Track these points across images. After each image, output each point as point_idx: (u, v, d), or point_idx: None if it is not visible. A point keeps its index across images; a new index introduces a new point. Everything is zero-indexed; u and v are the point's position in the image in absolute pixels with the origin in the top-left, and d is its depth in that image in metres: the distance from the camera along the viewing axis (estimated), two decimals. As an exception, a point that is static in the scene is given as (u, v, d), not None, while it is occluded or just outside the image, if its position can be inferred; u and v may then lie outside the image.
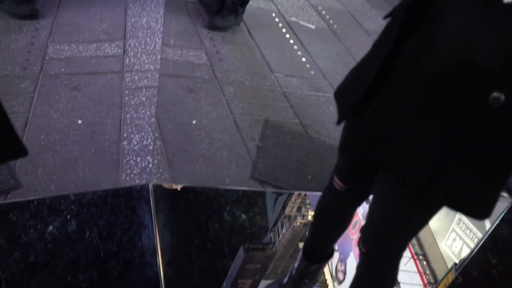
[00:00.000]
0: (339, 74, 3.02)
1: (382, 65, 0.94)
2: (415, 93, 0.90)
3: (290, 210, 2.02)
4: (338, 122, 1.08)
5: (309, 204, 2.05)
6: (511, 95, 0.79)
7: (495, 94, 0.79)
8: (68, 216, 1.64)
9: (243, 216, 1.87)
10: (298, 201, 2.06)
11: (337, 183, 1.22)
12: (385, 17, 1.05)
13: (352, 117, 1.06)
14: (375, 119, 0.97)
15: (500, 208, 2.13)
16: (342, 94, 1.12)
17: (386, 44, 0.94)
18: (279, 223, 1.95)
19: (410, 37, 0.90)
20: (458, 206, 0.92)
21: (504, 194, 2.21)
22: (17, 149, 0.87)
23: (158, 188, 1.82)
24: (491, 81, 0.80)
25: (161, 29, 2.79)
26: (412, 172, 0.91)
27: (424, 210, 1.00)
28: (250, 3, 3.44)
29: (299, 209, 2.04)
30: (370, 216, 1.14)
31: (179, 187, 1.88)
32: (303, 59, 3.09)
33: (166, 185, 1.87)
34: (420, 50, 0.88)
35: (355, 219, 1.72)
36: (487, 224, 1.88)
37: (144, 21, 2.80)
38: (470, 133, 0.85)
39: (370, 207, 1.15)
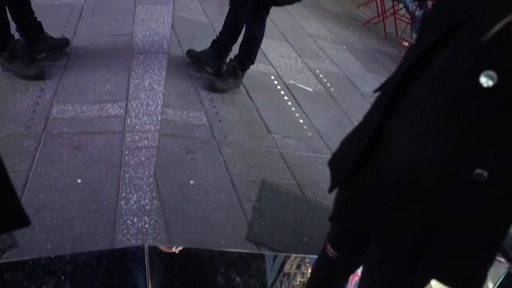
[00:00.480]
0: (336, 136, 3.09)
1: (371, 138, 0.98)
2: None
3: (289, 267, 2.01)
4: (330, 190, 1.11)
5: (308, 262, 2.05)
6: (493, 172, 0.82)
7: (478, 171, 0.83)
8: (63, 277, 1.63)
9: (238, 279, 1.86)
10: (298, 259, 2.06)
11: (330, 250, 1.24)
12: (374, 91, 1.10)
13: (344, 185, 1.09)
14: (365, 188, 1.00)
15: (497, 274, 2.12)
16: (335, 162, 1.16)
17: (375, 118, 0.99)
18: (277, 282, 1.94)
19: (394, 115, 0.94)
20: (446, 280, 0.93)
21: (501, 259, 2.21)
22: (20, 219, 0.89)
23: (153, 249, 1.82)
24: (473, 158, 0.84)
25: (163, 90, 2.88)
26: (399, 245, 0.93)
27: (413, 282, 1.01)
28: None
29: (298, 267, 2.04)
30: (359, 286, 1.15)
31: (174, 249, 1.89)
32: (301, 121, 3.17)
33: (161, 246, 1.87)
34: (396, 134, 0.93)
35: (355, 278, 1.70)
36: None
37: (147, 83, 2.90)
38: (453, 212, 0.87)
39: (360, 277, 1.16)
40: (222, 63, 3.24)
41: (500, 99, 0.79)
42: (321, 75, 3.99)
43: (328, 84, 3.87)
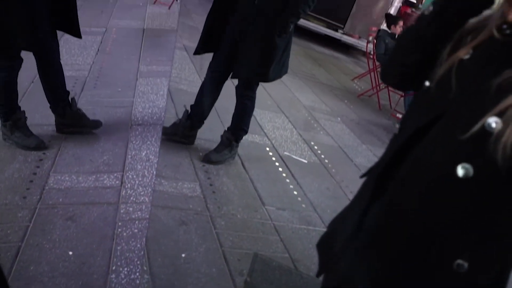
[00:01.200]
0: (330, 208, 3.11)
1: (357, 224, 1.01)
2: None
3: None
4: (318, 275, 1.12)
5: None
6: (473, 262, 0.86)
7: (459, 261, 0.86)
8: None
9: None
10: None
11: None
12: (361, 176, 1.15)
13: (330, 271, 1.10)
14: (349, 275, 1.02)
15: None
16: (324, 245, 1.18)
17: (361, 204, 1.02)
18: None
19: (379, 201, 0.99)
20: None
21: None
22: None
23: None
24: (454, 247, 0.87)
25: (159, 162, 2.94)
26: None
27: None
28: (245, 137, 3.65)
29: None
30: None
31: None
32: (295, 192, 3.20)
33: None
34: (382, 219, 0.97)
35: None
36: None
37: (143, 154, 2.96)
38: None
39: None
40: (196, 133, 3.31)
41: (476, 189, 0.84)
42: (315, 147, 4.07)
43: (323, 156, 3.94)
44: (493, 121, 0.82)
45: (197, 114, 3.22)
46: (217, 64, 3.05)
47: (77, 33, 2.80)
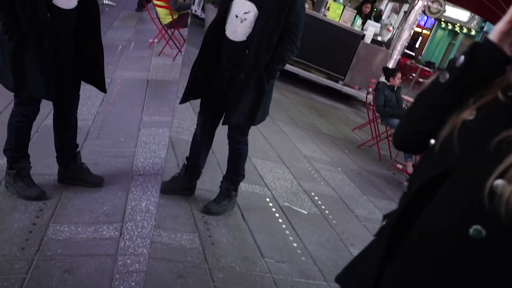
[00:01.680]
0: (330, 261, 3.08)
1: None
2: None
3: None
4: None
5: None
6: None
7: None
8: None
9: None
10: None
11: None
12: (375, 234, 1.17)
13: None
14: None
15: None
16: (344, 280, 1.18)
17: (373, 264, 1.04)
18: None
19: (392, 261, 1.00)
20: None
21: None
22: None
23: None
24: None
25: (159, 212, 2.94)
26: None
27: None
28: (245, 188, 3.67)
29: None
30: None
31: None
32: (295, 244, 3.18)
33: None
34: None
35: None
36: None
37: (143, 204, 2.97)
38: None
39: None
40: (195, 184, 3.33)
41: (490, 251, 0.87)
42: (316, 197, 4.07)
43: (323, 207, 3.94)
44: (498, 182, 0.84)
45: (193, 165, 3.25)
46: (206, 113, 3.14)
47: (102, 87, 2.89)
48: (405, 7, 8.87)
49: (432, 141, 1.04)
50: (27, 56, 2.49)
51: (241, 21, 2.82)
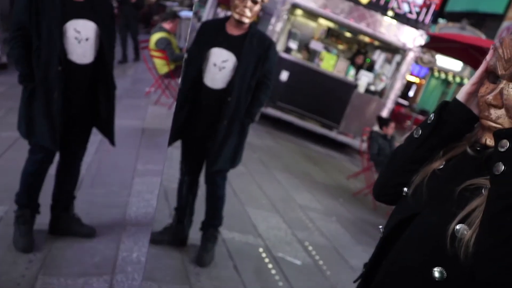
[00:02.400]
0: (323, 314, 3.03)
1: None
2: None
3: None
4: None
5: None
6: None
7: None
8: None
9: None
10: None
11: None
12: (355, 281, 1.21)
13: None
14: None
15: None
16: None
17: None
18: None
19: None
20: None
21: None
22: None
23: None
24: None
25: (150, 263, 2.91)
26: None
27: None
28: (238, 238, 3.65)
29: None
30: None
31: None
32: (288, 297, 3.13)
33: None
34: None
35: None
36: None
37: (135, 255, 2.94)
38: None
39: None
40: (187, 234, 3.31)
41: None
42: (310, 247, 4.03)
43: (317, 257, 3.90)
44: (460, 227, 0.92)
45: (183, 214, 3.24)
46: (189, 160, 3.19)
47: (112, 139, 2.96)
48: (398, 57, 9.09)
49: (405, 189, 1.13)
50: (36, 106, 2.61)
51: (219, 69, 2.91)
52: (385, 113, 8.65)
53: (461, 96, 1.09)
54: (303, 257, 3.83)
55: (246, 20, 2.86)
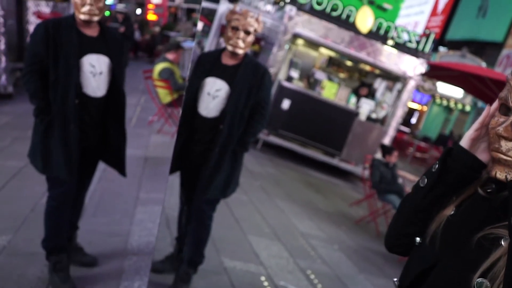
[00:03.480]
0: None
1: None
2: None
3: None
4: None
5: None
6: None
7: None
8: None
9: None
10: None
11: None
12: None
13: None
14: None
15: None
16: None
17: None
18: None
19: None
20: None
21: None
22: None
23: None
24: None
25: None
26: None
27: None
28: (240, 266, 3.65)
29: None
30: None
31: None
32: (289, 326, 3.11)
33: None
34: None
35: None
36: None
37: (136, 285, 2.93)
38: None
39: None
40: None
41: None
42: (312, 276, 4.02)
43: (319, 286, 3.88)
44: (481, 280, 0.89)
45: (183, 243, 3.20)
46: (185, 189, 3.17)
47: (123, 171, 2.96)
48: (399, 85, 9.19)
49: (418, 239, 1.10)
50: (53, 139, 2.63)
51: (213, 98, 2.93)
52: (387, 141, 8.69)
53: (464, 142, 1.07)
54: (305, 285, 3.81)
55: (240, 51, 2.91)
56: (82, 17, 2.58)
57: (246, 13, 2.94)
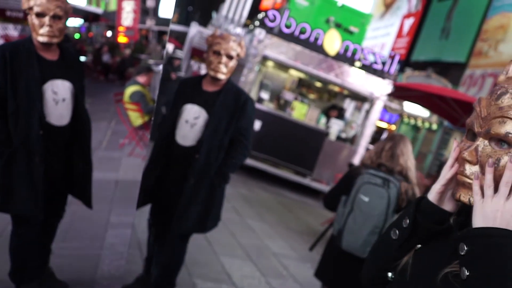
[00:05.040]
0: None
1: None
2: None
3: None
4: None
5: None
6: None
7: None
8: None
9: None
10: None
11: None
12: None
13: None
14: None
15: None
16: None
17: None
18: None
19: None
20: None
21: None
22: None
23: None
24: None
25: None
26: None
27: None
28: (212, 287, 3.65)
29: None
30: None
31: None
32: None
33: None
34: None
35: None
36: None
37: (107, 309, 2.93)
38: None
39: None
40: None
41: None
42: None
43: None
44: None
45: (150, 264, 3.16)
46: (156, 220, 3.09)
47: (88, 203, 2.86)
48: (367, 105, 9.42)
49: (390, 274, 1.16)
50: (16, 172, 2.47)
51: (191, 126, 2.80)
52: (357, 159, 8.86)
53: (432, 196, 1.11)
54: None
55: (222, 76, 2.77)
56: (40, 39, 2.42)
57: (227, 37, 2.80)
